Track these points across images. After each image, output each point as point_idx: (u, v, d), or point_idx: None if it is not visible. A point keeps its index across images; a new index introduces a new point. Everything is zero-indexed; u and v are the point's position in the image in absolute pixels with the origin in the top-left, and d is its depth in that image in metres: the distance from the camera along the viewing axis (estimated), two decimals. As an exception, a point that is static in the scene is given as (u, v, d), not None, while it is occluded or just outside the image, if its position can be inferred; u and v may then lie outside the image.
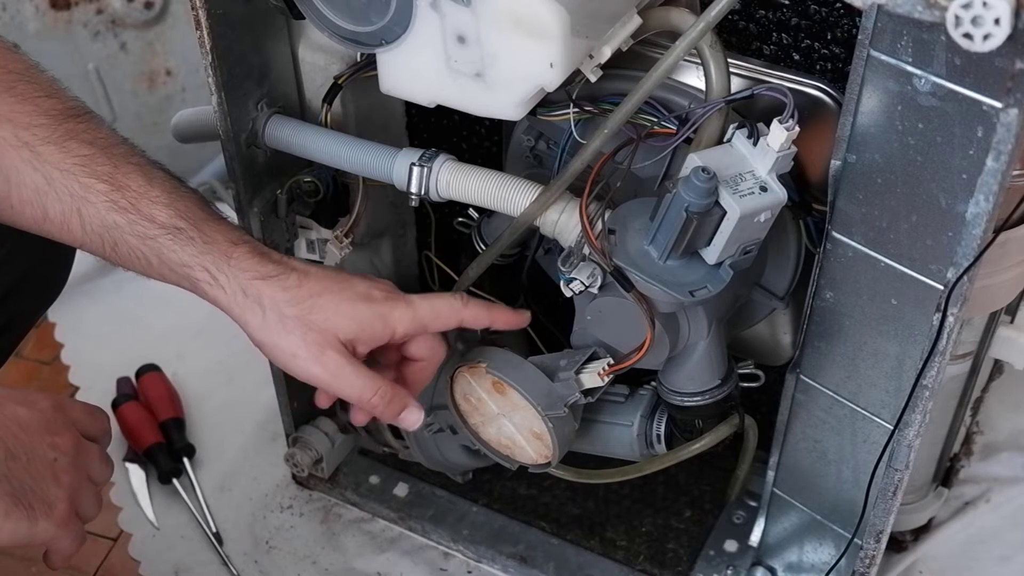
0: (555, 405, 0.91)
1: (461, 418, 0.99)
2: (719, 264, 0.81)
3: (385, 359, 0.90)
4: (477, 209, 0.97)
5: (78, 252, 1.05)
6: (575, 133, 0.86)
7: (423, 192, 0.88)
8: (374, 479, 1.24)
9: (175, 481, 1.26)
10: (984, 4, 0.56)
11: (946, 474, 1.19)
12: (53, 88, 0.84)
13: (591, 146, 0.83)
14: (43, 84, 0.84)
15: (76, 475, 0.77)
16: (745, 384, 0.97)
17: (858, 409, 0.90)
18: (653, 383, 0.98)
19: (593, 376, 0.90)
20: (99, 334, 1.44)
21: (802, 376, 0.92)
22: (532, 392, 0.91)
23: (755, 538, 1.10)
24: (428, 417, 1.03)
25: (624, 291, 0.82)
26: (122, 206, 0.81)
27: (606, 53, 0.77)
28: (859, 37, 0.70)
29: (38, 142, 0.80)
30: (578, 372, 0.90)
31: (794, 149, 0.77)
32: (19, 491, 0.73)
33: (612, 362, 0.89)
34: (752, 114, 0.82)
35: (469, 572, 1.18)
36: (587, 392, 0.91)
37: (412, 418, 0.87)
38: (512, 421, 0.95)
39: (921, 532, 1.18)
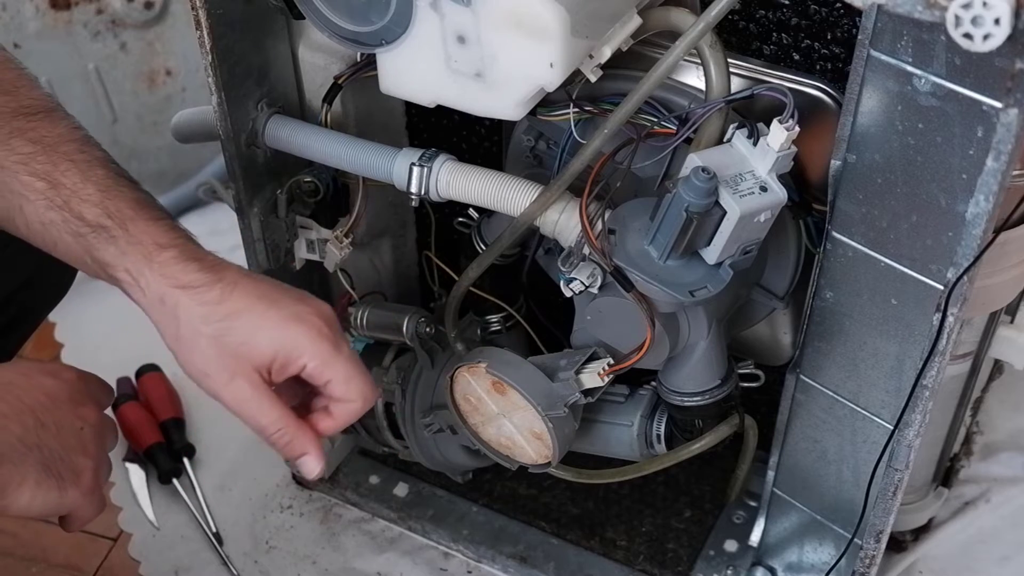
0: (555, 405, 0.91)
1: (461, 418, 0.99)
2: (719, 264, 0.81)
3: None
4: (477, 209, 0.97)
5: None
6: (575, 133, 0.86)
7: (423, 192, 0.88)
8: (374, 479, 1.24)
9: (175, 481, 1.26)
10: (984, 4, 0.56)
11: (946, 474, 1.19)
12: (15, 85, 0.83)
13: (591, 146, 0.83)
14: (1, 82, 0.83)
15: (100, 445, 0.77)
16: (745, 384, 0.97)
17: (858, 409, 0.89)
18: (653, 383, 0.98)
19: (593, 376, 0.90)
20: (99, 334, 1.44)
21: (802, 376, 0.92)
22: (532, 392, 0.91)
23: (755, 538, 1.10)
24: (428, 417, 1.03)
25: (624, 291, 0.82)
26: (57, 204, 0.80)
27: (606, 53, 0.77)
28: (859, 37, 0.70)
29: None
30: (578, 372, 0.90)
31: (794, 149, 0.77)
32: (49, 460, 0.73)
33: (612, 362, 0.89)
34: (752, 114, 0.82)
35: (469, 572, 1.18)
36: (587, 392, 0.91)
37: (308, 467, 0.81)
38: (512, 421, 0.95)
39: (921, 532, 1.18)
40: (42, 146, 0.81)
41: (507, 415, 0.95)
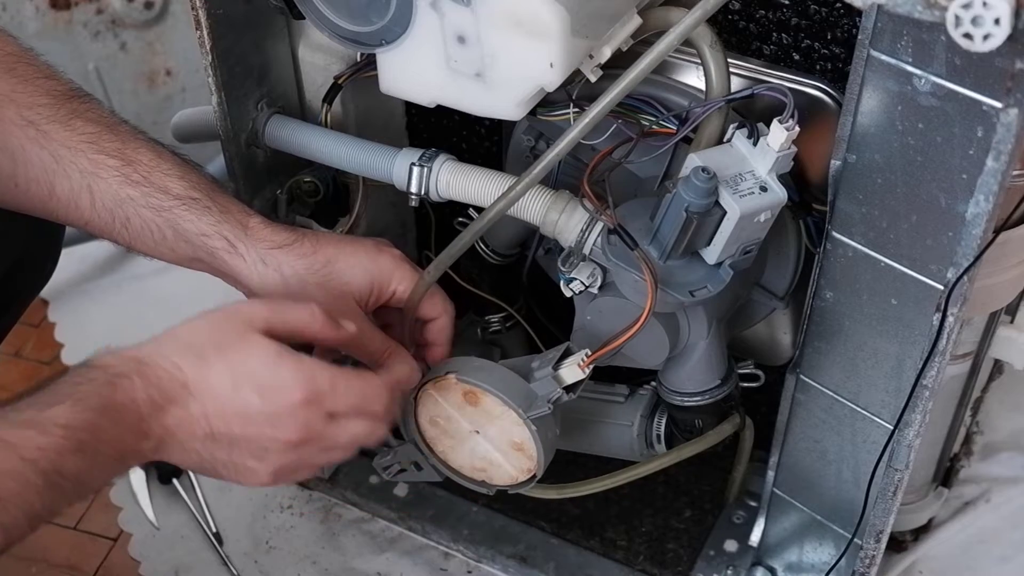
0: (536, 405, 0.86)
1: (428, 446, 0.94)
2: (719, 264, 0.81)
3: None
4: (477, 209, 0.97)
5: (76, 251, 1.05)
6: (575, 133, 0.85)
7: (423, 192, 0.88)
8: (374, 479, 1.23)
9: (175, 481, 1.26)
10: (984, 4, 0.56)
11: (946, 474, 1.19)
12: (51, 71, 0.85)
13: (584, 121, 0.77)
14: (41, 67, 0.85)
15: (291, 456, 0.76)
16: (745, 384, 0.97)
17: (858, 409, 0.89)
18: (653, 383, 0.98)
19: (573, 369, 0.85)
20: (99, 334, 1.44)
21: (802, 376, 0.92)
22: (510, 393, 0.86)
23: (755, 538, 1.10)
24: (386, 458, 0.99)
25: (629, 248, 0.80)
26: (135, 180, 0.82)
27: (606, 53, 0.77)
28: (859, 37, 0.70)
29: (43, 121, 0.82)
30: (556, 368, 0.86)
31: (794, 149, 0.77)
32: (223, 469, 0.75)
33: (590, 352, 0.85)
34: (752, 114, 0.82)
35: (469, 572, 1.18)
36: (569, 388, 0.86)
37: (415, 375, 0.86)
38: (488, 436, 0.90)
39: (921, 532, 1.18)
40: (104, 125, 0.83)
41: (482, 430, 0.90)
